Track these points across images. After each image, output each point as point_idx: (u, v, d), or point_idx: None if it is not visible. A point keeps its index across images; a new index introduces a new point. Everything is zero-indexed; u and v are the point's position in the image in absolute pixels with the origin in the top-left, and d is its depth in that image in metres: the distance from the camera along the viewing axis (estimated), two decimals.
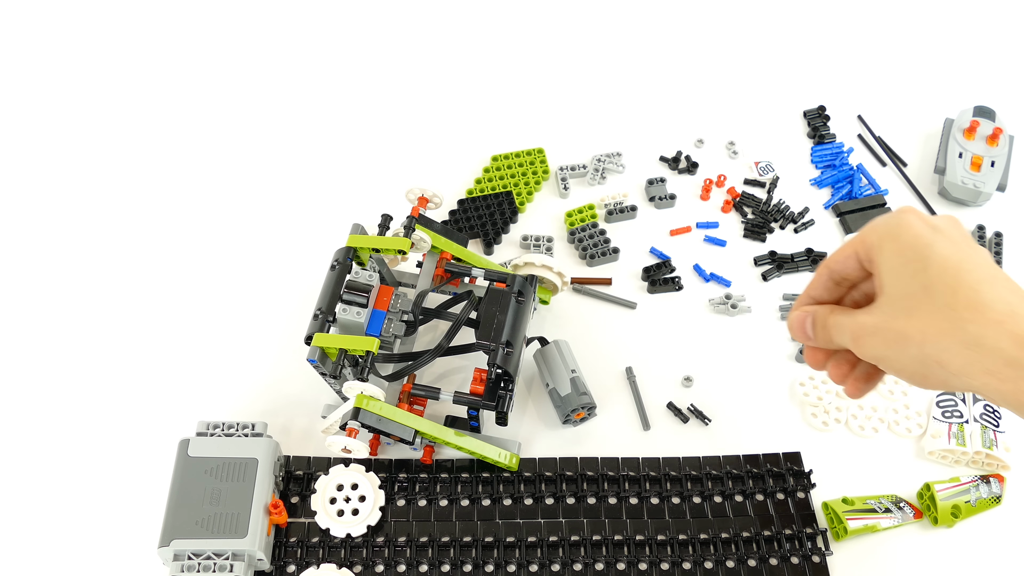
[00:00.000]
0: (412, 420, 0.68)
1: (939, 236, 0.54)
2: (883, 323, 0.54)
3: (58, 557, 0.69)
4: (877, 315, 0.55)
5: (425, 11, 1.05)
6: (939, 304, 0.52)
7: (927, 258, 0.53)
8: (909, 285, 0.53)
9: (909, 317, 0.53)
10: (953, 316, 0.51)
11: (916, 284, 0.53)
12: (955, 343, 0.51)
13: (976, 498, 0.71)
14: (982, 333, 0.50)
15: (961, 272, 0.52)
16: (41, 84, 0.97)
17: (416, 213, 0.75)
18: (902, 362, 0.54)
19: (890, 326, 0.54)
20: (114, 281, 0.83)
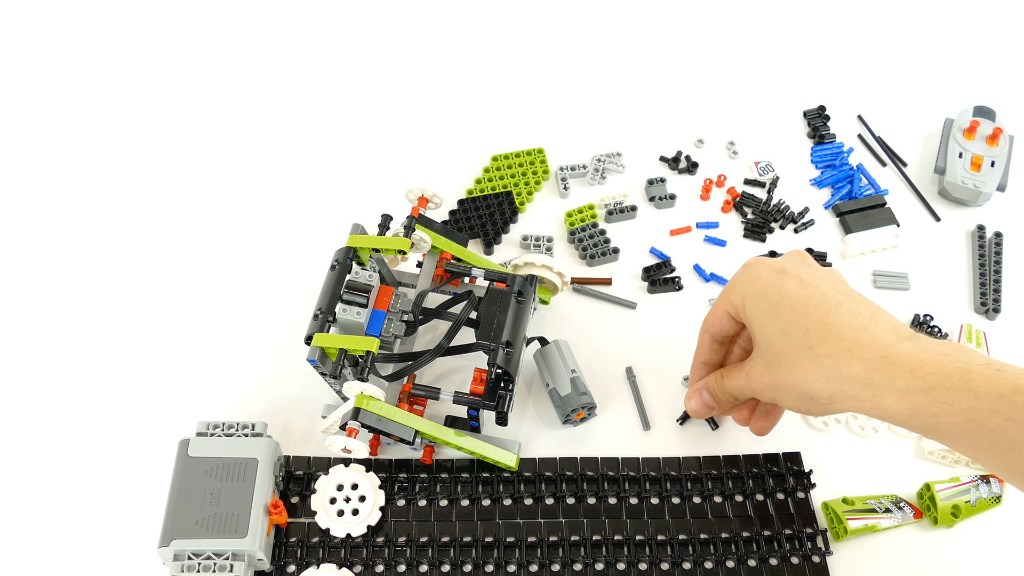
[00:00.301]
0: (412, 420, 0.68)
1: (786, 278, 0.61)
2: (764, 372, 0.61)
3: (58, 557, 0.69)
4: (758, 365, 0.62)
5: (425, 11, 1.05)
6: (797, 346, 0.59)
7: (779, 303, 0.60)
8: (770, 333, 0.61)
9: (780, 365, 0.60)
10: (810, 354, 0.58)
11: (775, 330, 0.60)
12: (817, 379, 0.58)
13: (976, 498, 0.71)
14: (835, 365, 0.57)
15: (808, 308, 0.59)
16: (41, 85, 0.97)
17: (416, 213, 0.75)
18: (788, 402, 0.61)
19: (769, 374, 0.61)
20: (114, 281, 0.83)
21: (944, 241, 0.88)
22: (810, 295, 0.60)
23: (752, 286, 0.62)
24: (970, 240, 0.88)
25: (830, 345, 0.58)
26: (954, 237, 0.89)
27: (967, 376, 0.55)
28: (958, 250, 0.88)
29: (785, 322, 0.60)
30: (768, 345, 0.61)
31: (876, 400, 0.56)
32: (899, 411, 0.56)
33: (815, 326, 0.59)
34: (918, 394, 0.55)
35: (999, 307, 0.83)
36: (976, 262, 0.86)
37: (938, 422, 0.55)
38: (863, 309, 0.60)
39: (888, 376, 0.56)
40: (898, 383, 0.56)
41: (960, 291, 0.85)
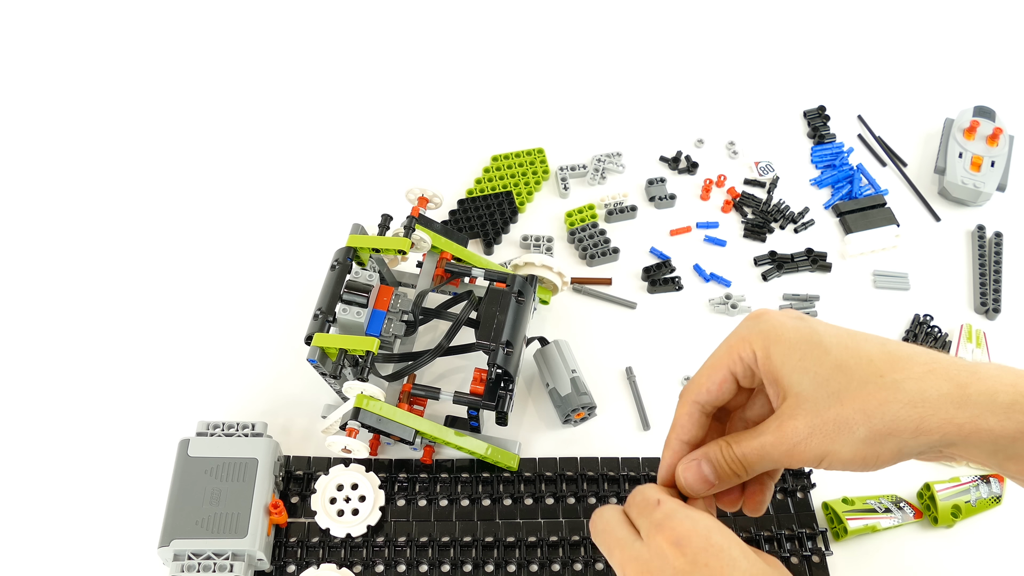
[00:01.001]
0: (412, 420, 0.68)
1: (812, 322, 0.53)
2: (815, 420, 0.51)
3: (58, 557, 0.69)
4: (802, 417, 0.51)
5: (425, 11, 1.05)
6: (863, 377, 0.50)
7: (821, 343, 0.51)
8: (819, 374, 0.51)
9: (841, 403, 0.50)
10: (883, 383, 0.49)
11: (827, 369, 0.51)
12: (900, 406, 0.49)
13: (976, 498, 0.71)
14: (921, 387, 0.49)
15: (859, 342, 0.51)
16: (41, 85, 0.97)
17: (416, 213, 0.75)
18: (850, 448, 0.50)
19: (825, 418, 0.50)
20: (114, 282, 0.83)
21: (944, 241, 0.88)
22: (851, 334, 0.52)
23: (777, 332, 0.52)
24: (970, 240, 0.88)
25: (907, 369, 0.49)
26: (954, 237, 0.89)
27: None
28: (958, 250, 0.88)
29: (839, 358, 0.50)
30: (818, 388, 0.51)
31: (976, 421, 0.48)
32: (1004, 432, 0.48)
33: (878, 354, 0.50)
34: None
35: (999, 307, 0.83)
36: (976, 262, 0.86)
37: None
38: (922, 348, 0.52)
39: (987, 391, 0.48)
40: (1000, 398, 0.48)
41: (960, 291, 0.85)
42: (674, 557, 0.50)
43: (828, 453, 0.51)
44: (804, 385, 0.51)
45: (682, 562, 0.50)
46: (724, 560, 0.50)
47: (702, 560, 0.50)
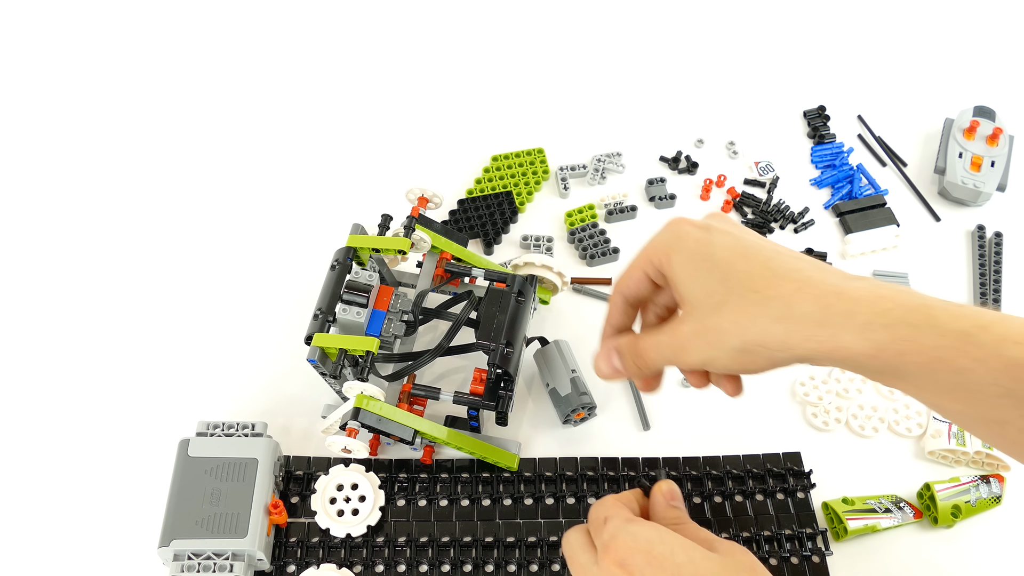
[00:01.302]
0: (412, 420, 0.68)
1: (713, 233, 0.57)
2: (699, 326, 0.55)
3: (58, 557, 0.69)
4: (690, 321, 0.56)
5: (425, 11, 1.05)
6: (741, 291, 0.54)
7: (712, 256, 0.55)
8: (706, 284, 0.55)
9: (719, 313, 0.54)
10: (757, 298, 0.53)
11: (712, 281, 0.55)
12: (768, 321, 0.53)
13: (976, 498, 0.71)
14: (788, 304, 0.52)
15: (748, 256, 0.55)
16: (41, 85, 0.97)
17: (416, 213, 0.75)
18: (727, 355, 0.55)
19: (706, 326, 0.55)
20: (114, 282, 0.83)
21: (944, 241, 0.88)
22: (746, 247, 0.56)
23: (680, 243, 0.57)
24: (970, 240, 0.88)
25: (778, 287, 0.53)
26: (954, 237, 0.89)
27: (930, 312, 0.50)
28: (958, 250, 0.88)
29: (723, 271, 0.55)
30: (704, 297, 0.55)
31: (834, 340, 0.51)
32: (860, 350, 0.51)
33: (758, 270, 0.54)
34: (880, 331, 0.50)
35: (999, 307, 0.83)
36: (976, 262, 0.86)
37: (903, 361, 0.50)
38: (803, 258, 0.56)
39: (846, 312, 0.51)
40: (858, 319, 0.51)
41: (960, 291, 0.85)
42: None
43: (709, 359, 0.56)
44: (694, 293, 0.56)
45: None
46: (668, 568, 0.52)
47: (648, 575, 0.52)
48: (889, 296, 0.51)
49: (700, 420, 0.76)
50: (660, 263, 0.58)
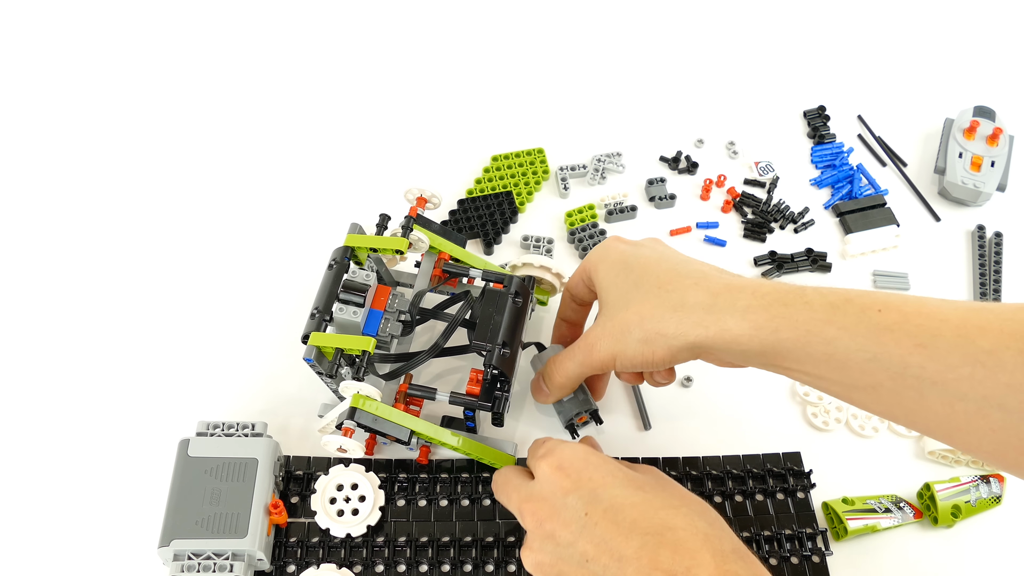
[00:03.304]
0: (408, 420, 0.68)
1: (638, 248, 0.65)
2: (608, 322, 0.63)
3: (58, 557, 0.69)
4: (601, 320, 0.64)
5: (425, 11, 1.05)
6: (646, 289, 0.62)
7: (630, 264, 0.64)
8: (622, 287, 0.63)
9: (627, 309, 0.62)
10: (660, 293, 0.61)
11: (627, 284, 0.63)
12: (666, 311, 0.60)
13: (976, 498, 0.71)
14: (683, 296, 0.60)
15: (660, 263, 0.63)
16: (40, 85, 0.97)
17: (414, 213, 0.75)
18: (632, 347, 0.62)
19: (614, 321, 0.63)
20: (113, 282, 0.83)
21: (944, 241, 0.88)
22: (661, 256, 0.64)
23: (607, 254, 0.66)
24: (970, 240, 0.88)
25: (679, 283, 0.61)
26: (954, 237, 0.89)
27: (802, 292, 0.57)
28: (958, 250, 0.88)
29: (638, 275, 0.63)
30: (617, 298, 0.63)
31: (720, 323, 0.58)
32: (742, 331, 0.57)
33: (665, 273, 0.62)
34: (758, 312, 0.57)
35: None
36: (976, 262, 0.86)
37: (778, 338, 0.56)
38: (711, 266, 0.63)
39: (730, 299, 0.58)
40: (739, 303, 0.58)
41: (960, 291, 0.85)
42: (560, 479, 0.59)
43: (617, 353, 0.63)
44: (611, 295, 0.64)
45: (567, 482, 0.58)
46: (604, 471, 0.59)
47: (585, 476, 0.58)
48: (770, 285, 0.59)
49: (700, 420, 0.76)
50: (589, 272, 0.67)
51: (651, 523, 0.54)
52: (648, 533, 0.54)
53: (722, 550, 0.53)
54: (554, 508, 0.58)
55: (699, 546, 0.53)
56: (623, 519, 0.55)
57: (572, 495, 0.58)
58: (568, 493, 0.58)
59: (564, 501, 0.58)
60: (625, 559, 0.53)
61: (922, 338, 0.52)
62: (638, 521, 0.55)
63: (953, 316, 0.52)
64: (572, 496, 0.58)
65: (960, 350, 0.51)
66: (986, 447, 0.53)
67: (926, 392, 0.53)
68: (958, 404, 0.52)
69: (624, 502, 0.56)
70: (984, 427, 0.51)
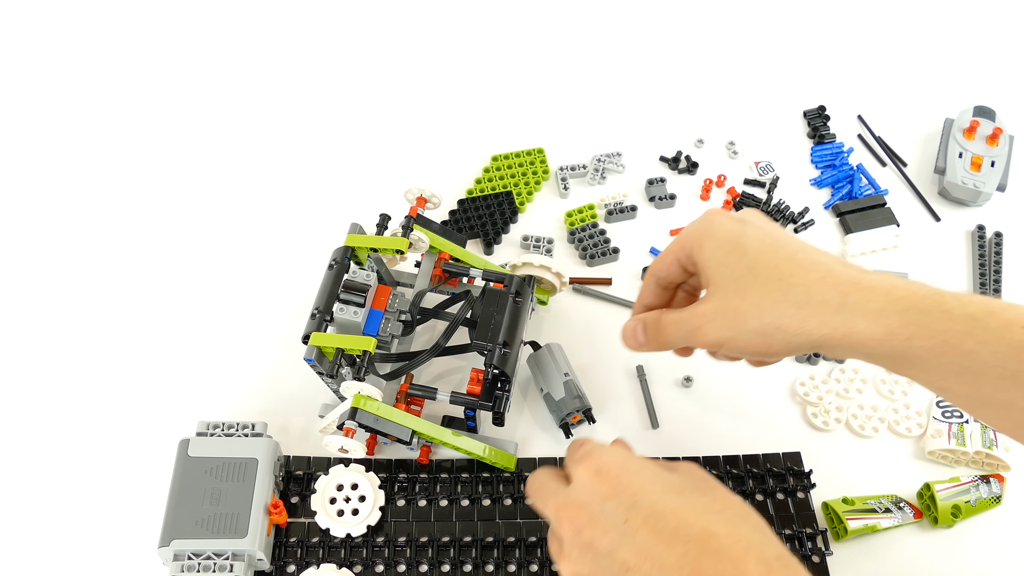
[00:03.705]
0: (409, 420, 0.68)
1: (747, 226, 0.61)
2: (720, 306, 0.59)
3: (58, 557, 0.69)
4: (712, 302, 0.60)
5: (425, 11, 1.05)
6: (765, 278, 0.57)
7: (743, 245, 0.59)
8: (735, 270, 0.59)
9: (743, 296, 0.58)
10: (780, 284, 0.57)
11: (741, 268, 0.59)
12: (788, 306, 0.56)
13: (976, 498, 0.71)
14: (808, 292, 0.56)
15: (776, 248, 0.59)
16: (40, 85, 0.97)
17: (414, 213, 0.75)
18: (745, 337, 0.58)
19: (727, 307, 0.59)
20: (114, 282, 0.83)
21: (944, 241, 0.88)
22: (775, 240, 0.60)
23: (713, 230, 0.61)
24: (970, 240, 0.88)
25: (803, 275, 0.57)
26: (954, 237, 0.89)
27: (940, 299, 0.54)
28: (958, 250, 0.88)
29: (753, 259, 0.58)
30: (730, 282, 0.59)
31: (849, 325, 0.55)
32: (872, 335, 0.54)
33: (784, 261, 0.58)
34: (892, 316, 0.54)
35: None
36: (976, 262, 0.86)
37: (911, 346, 0.54)
38: (827, 254, 0.60)
39: (862, 299, 0.55)
40: (872, 305, 0.55)
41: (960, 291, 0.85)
42: (598, 484, 0.56)
43: (727, 339, 0.59)
44: (721, 277, 0.60)
45: (606, 487, 0.56)
46: (643, 476, 0.56)
47: (624, 481, 0.56)
48: (903, 286, 0.55)
49: (700, 420, 0.76)
50: (692, 249, 0.62)
51: (693, 530, 0.52)
52: (690, 541, 0.52)
53: (766, 557, 0.52)
54: (592, 515, 0.55)
55: (742, 554, 0.51)
56: (664, 526, 0.53)
57: (611, 501, 0.55)
58: (607, 499, 0.55)
59: (603, 507, 0.55)
60: (667, 567, 0.52)
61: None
62: (680, 528, 0.53)
63: None
64: (611, 502, 0.55)
65: None
66: None
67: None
68: None
69: (665, 508, 0.54)
70: None
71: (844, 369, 0.79)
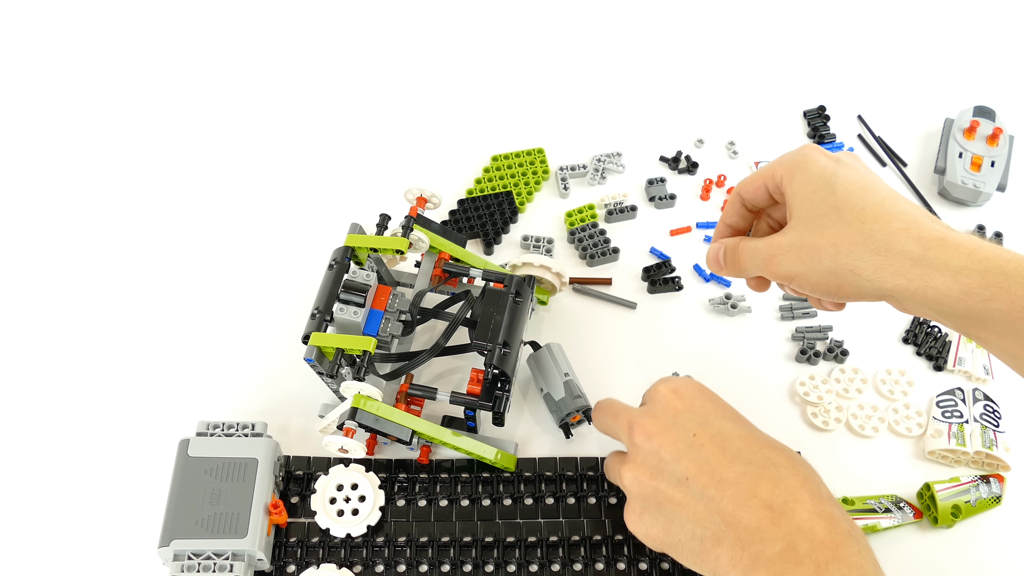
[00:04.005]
0: (409, 420, 0.68)
1: (841, 166, 0.60)
2: (797, 240, 0.59)
3: (58, 557, 0.69)
4: (791, 235, 0.60)
5: (425, 11, 1.05)
6: (849, 219, 0.57)
7: (833, 183, 0.59)
8: (820, 207, 0.58)
9: (822, 233, 0.58)
10: (863, 228, 0.56)
11: (826, 205, 0.58)
12: (866, 251, 0.56)
13: (976, 498, 0.71)
14: (889, 239, 0.55)
15: (866, 192, 0.58)
16: (40, 85, 0.97)
17: (414, 213, 0.75)
18: (817, 274, 0.58)
19: (804, 242, 0.58)
20: (114, 282, 0.83)
21: None
22: (867, 184, 0.59)
23: (806, 164, 0.61)
24: None
25: (887, 223, 0.56)
26: None
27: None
28: None
29: (840, 199, 0.58)
30: (812, 217, 0.59)
31: (926, 279, 0.54)
32: (949, 291, 0.53)
33: (871, 206, 0.57)
34: (972, 275, 0.53)
35: None
36: None
37: (989, 307, 0.53)
38: (920, 209, 0.58)
39: (944, 255, 0.54)
40: (954, 262, 0.54)
41: None
42: (675, 400, 0.61)
43: (798, 274, 0.59)
44: (804, 212, 0.59)
45: (681, 404, 0.61)
46: (716, 403, 0.61)
47: (699, 403, 0.61)
48: (989, 248, 0.54)
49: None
50: (781, 179, 0.62)
51: (756, 455, 0.56)
52: (752, 463, 0.55)
53: (820, 494, 0.54)
54: (664, 425, 0.59)
55: (798, 485, 0.54)
56: (729, 446, 0.56)
57: (684, 415, 0.59)
58: (680, 414, 0.60)
59: (675, 420, 0.59)
60: (725, 483, 0.55)
61: None
62: (743, 451, 0.56)
63: None
64: (684, 416, 0.59)
65: None
66: None
67: None
68: None
69: (732, 432, 0.58)
70: None
71: (844, 369, 0.79)
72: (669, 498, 0.58)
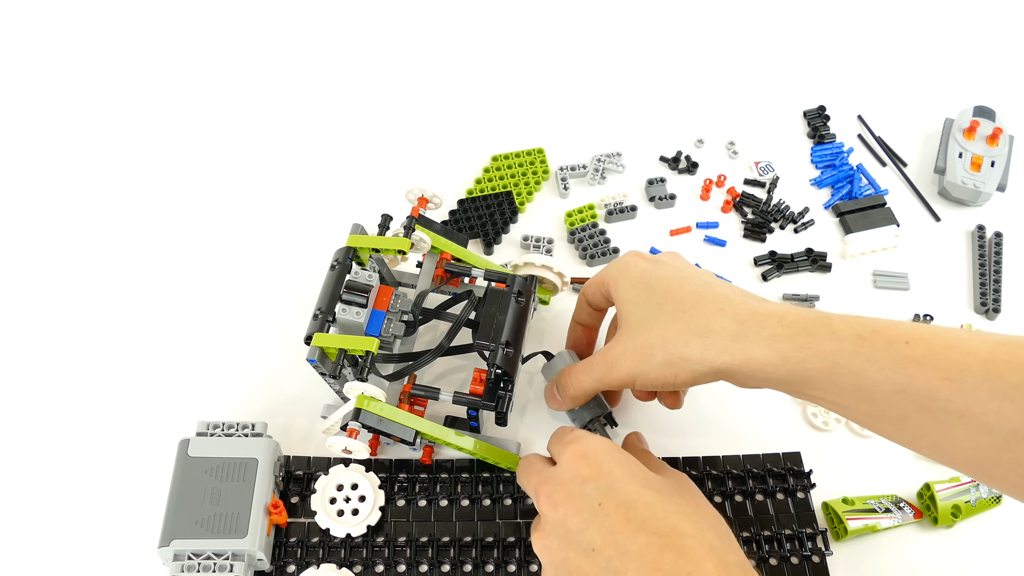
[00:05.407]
0: (413, 421, 0.68)
1: (659, 266, 0.65)
2: (630, 343, 0.63)
3: (58, 557, 0.69)
4: (623, 340, 0.64)
5: (425, 11, 1.05)
6: (670, 312, 0.61)
7: (652, 284, 0.64)
8: (643, 308, 0.63)
9: (650, 330, 0.62)
10: (683, 316, 0.61)
11: (650, 305, 0.63)
12: (691, 336, 0.60)
13: (976, 498, 0.71)
14: (708, 322, 0.59)
15: (683, 284, 0.63)
16: (40, 85, 0.97)
17: (416, 213, 0.75)
18: (654, 370, 0.61)
19: (636, 342, 0.62)
20: (114, 282, 0.83)
21: (944, 241, 0.88)
22: (683, 277, 0.64)
23: (627, 271, 0.66)
24: (970, 240, 0.88)
25: (703, 307, 0.60)
26: (954, 237, 0.89)
27: (829, 321, 0.57)
28: (958, 250, 0.88)
29: (660, 297, 0.63)
30: (639, 319, 0.63)
31: (746, 351, 0.58)
32: (768, 360, 0.57)
33: (688, 295, 0.62)
34: (784, 341, 0.57)
35: (999, 307, 0.83)
36: (976, 262, 0.86)
37: (805, 368, 0.56)
38: (733, 288, 0.63)
39: (757, 327, 0.58)
40: (766, 332, 0.57)
41: (960, 291, 0.85)
42: (581, 467, 0.59)
43: (638, 374, 0.63)
44: (632, 316, 0.64)
45: (588, 471, 0.58)
46: (625, 468, 0.58)
47: (607, 468, 0.58)
48: (795, 312, 0.58)
49: (700, 420, 0.76)
50: (608, 288, 0.67)
51: (661, 524, 0.54)
52: (655, 533, 0.54)
53: (727, 563, 0.53)
54: (570, 494, 0.58)
55: (703, 555, 0.53)
56: (634, 516, 0.55)
57: (590, 484, 0.58)
58: (587, 481, 0.58)
59: (581, 489, 0.58)
60: (629, 554, 0.54)
61: (950, 372, 0.52)
62: (648, 520, 0.55)
63: (981, 350, 0.52)
64: (590, 485, 0.58)
65: (988, 384, 0.51)
66: (1011, 480, 0.53)
67: (953, 425, 0.53)
68: (984, 438, 0.52)
69: (638, 500, 0.56)
70: (1010, 461, 0.52)
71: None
72: (579, 567, 0.56)
